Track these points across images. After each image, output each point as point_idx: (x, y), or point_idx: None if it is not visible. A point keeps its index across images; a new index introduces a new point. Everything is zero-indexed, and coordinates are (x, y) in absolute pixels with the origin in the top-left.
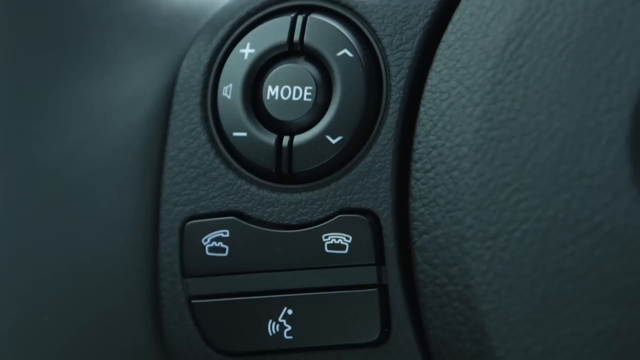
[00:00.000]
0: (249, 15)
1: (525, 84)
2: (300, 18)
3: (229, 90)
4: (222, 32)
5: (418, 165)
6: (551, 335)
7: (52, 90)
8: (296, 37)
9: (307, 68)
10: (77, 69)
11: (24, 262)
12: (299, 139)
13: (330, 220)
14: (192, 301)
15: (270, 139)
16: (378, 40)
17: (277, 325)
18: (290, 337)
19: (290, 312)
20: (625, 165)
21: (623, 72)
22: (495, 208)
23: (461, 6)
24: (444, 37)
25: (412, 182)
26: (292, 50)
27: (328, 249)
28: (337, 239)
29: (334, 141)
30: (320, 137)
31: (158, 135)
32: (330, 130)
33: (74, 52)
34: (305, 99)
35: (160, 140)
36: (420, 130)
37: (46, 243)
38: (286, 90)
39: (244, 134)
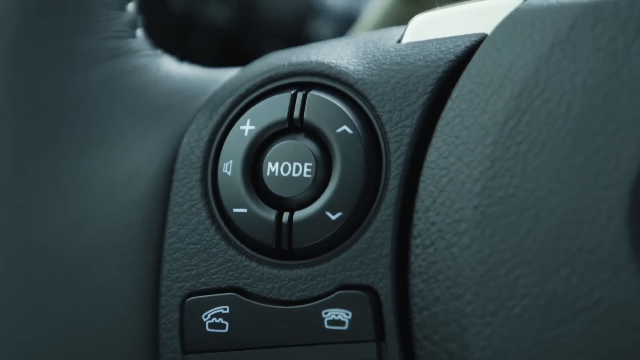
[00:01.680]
0: (249, 92)
1: (524, 160)
2: (300, 95)
3: (229, 166)
4: (222, 109)
5: (417, 241)
6: None
7: (52, 167)
8: (296, 113)
9: (307, 144)
10: (77, 146)
11: (23, 338)
12: (298, 215)
13: (330, 296)
14: None
15: (270, 215)
16: (377, 117)
17: None
18: None
19: None
20: (624, 241)
21: (622, 149)
22: (494, 284)
23: (460, 83)
24: (443, 114)
25: (412, 258)
26: (292, 126)
27: (328, 325)
28: (336, 315)
29: (333, 217)
30: (320, 213)
31: (158, 212)
32: (330, 206)
33: (74, 130)
34: (305, 175)
35: (160, 217)
36: (419, 206)
37: (46, 320)
38: (286, 166)
39: (244, 210)
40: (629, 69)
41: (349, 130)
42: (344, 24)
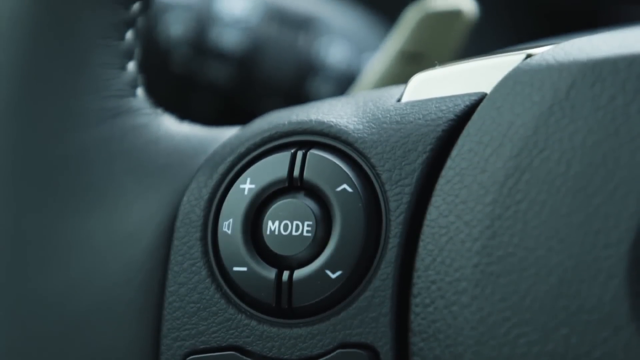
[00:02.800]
0: (249, 151)
1: (524, 219)
2: (300, 154)
3: (229, 225)
4: (222, 168)
5: (417, 299)
6: None
7: (52, 226)
8: (296, 172)
9: (307, 203)
10: (77, 205)
11: None
12: (298, 273)
13: (330, 354)
14: None
15: (270, 273)
16: (377, 176)
17: None
18: None
19: None
20: (623, 300)
21: (621, 207)
22: (494, 343)
23: (460, 142)
24: (443, 173)
25: (412, 316)
26: (291, 185)
27: None
28: None
29: (333, 276)
30: (320, 271)
31: (158, 270)
32: (330, 264)
33: (74, 188)
34: (305, 233)
35: (160, 275)
36: (419, 264)
37: None
38: (286, 225)
39: (244, 269)
40: (628, 128)
41: (349, 189)
42: (343, 83)
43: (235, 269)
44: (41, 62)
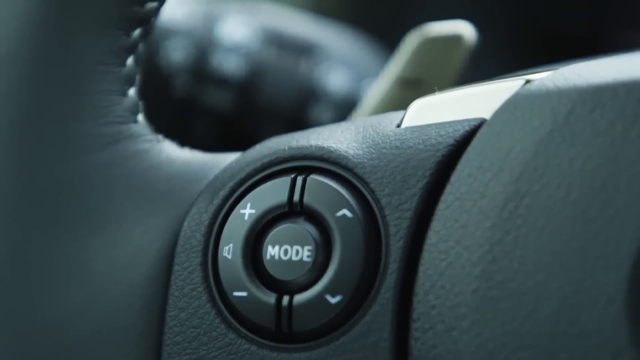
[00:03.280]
0: (249, 176)
1: (524, 244)
2: (300, 179)
3: (230, 250)
4: (222, 193)
5: (417, 324)
6: None
7: (52, 251)
8: (296, 197)
9: (307, 228)
10: (77, 230)
11: None
12: (298, 298)
13: None
14: None
15: (270, 298)
16: (377, 200)
17: None
18: None
19: None
20: (623, 325)
21: (620, 233)
22: None
23: (459, 167)
24: (443, 197)
25: (412, 341)
26: (292, 210)
27: None
28: None
29: (333, 301)
30: (320, 296)
31: (159, 296)
32: (330, 289)
33: (74, 214)
34: (305, 258)
35: (161, 300)
36: (419, 289)
37: None
38: (286, 250)
39: (244, 294)
40: (628, 153)
41: (349, 214)
42: (344, 109)
43: (236, 293)
44: (41, 88)
